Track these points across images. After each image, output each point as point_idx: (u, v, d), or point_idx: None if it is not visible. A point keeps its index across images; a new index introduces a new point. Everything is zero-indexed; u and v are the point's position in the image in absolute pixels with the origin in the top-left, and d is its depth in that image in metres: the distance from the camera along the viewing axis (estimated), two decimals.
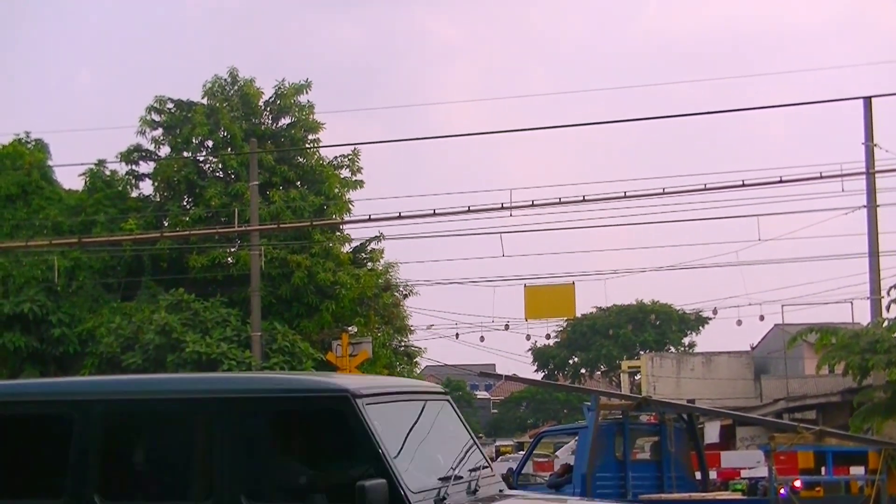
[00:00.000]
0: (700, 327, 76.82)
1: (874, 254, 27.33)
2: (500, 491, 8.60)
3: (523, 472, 17.68)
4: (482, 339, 40.77)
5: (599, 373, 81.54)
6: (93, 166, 37.44)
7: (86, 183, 37.76)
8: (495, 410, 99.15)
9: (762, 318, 38.89)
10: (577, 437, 16.89)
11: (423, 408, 8.60)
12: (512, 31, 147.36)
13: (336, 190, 37.22)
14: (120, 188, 37.72)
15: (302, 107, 38.18)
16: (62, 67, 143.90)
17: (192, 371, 32.05)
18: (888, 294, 24.87)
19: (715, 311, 41.86)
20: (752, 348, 57.72)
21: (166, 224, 36.02)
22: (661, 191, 24.73)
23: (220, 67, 38.87)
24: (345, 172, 38.35)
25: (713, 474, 18.61)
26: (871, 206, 27.10)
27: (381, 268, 39.36)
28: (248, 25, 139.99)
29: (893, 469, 15.14)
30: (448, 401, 9.08)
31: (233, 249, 36.62)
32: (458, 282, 36.21)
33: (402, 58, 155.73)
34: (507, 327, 39.67)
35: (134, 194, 38.16)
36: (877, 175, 26.98)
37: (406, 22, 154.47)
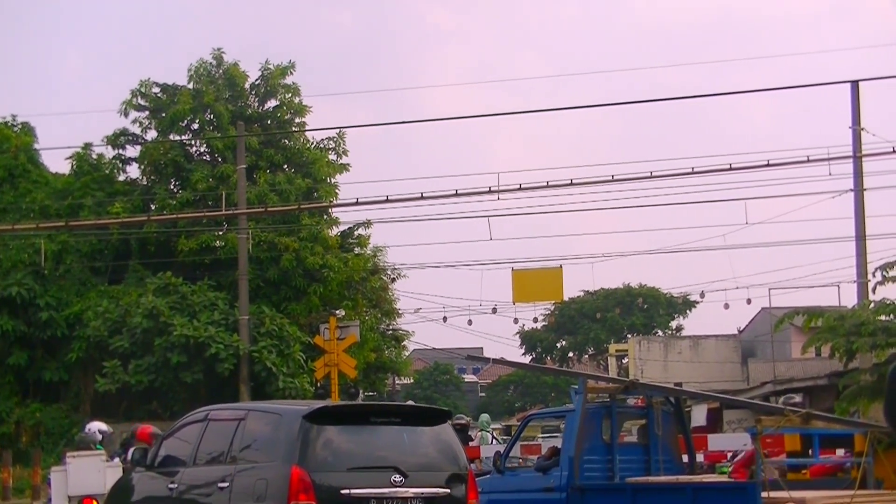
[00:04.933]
0: (687, 311, 76.94)
1: (861, 237, 27.37)
2: None
3: (511, 455, 17.63)
4: (470, 322, 40.71)
5: (587, 356, 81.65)
6: (80, 150, 37.38)
7: (73, 166, 37.68)
8: (483, 394, 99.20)
9: (749, 301, 38.91)
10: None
11: None
12: (503, 14, 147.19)
13: (326, 175, 37.19)
14: (107, 171, 37.66)
15: (288, 87, 38.12)
16: (49, 50, 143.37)
17: (181, 354, 32.06)
18: (874, 277, 24.92)
19: (702, 295, 41.95)
20: (740, 332, 57.85)
21: (153, 207, 35.99)
22: (648, 174, 24.65)
23: (208, 50, 38.75)
24: (330, 156, 38.34)
25: (700, 457, 18.63)
26: (858, 190, 27.13)
27: (368, 251, 39.35)
28: (237, 8, 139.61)
29: (879, 452, 15.18)
30: None
31: (220, 233, 36.60)
32: (447, 265, 36.04)
33: (392, 41, 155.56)
34: (494, 311, 39.65)
35: (121, 178, 38.13)
36: (864, 159, 26.99)
37: (396, 5, 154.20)
